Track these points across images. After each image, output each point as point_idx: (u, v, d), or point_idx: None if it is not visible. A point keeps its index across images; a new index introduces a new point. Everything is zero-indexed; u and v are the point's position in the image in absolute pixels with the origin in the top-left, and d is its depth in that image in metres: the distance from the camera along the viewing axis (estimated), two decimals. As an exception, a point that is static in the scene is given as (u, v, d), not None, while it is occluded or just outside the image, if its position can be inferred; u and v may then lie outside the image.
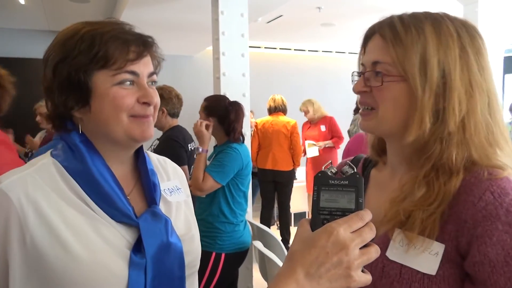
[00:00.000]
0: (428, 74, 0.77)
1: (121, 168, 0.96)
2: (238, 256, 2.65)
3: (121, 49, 0.86)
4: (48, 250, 0.81)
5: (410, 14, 0.82)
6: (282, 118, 5.28)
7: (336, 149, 5.85)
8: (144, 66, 0.90)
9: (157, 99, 0.92)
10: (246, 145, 2.80)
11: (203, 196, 2.57)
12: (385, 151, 0.94)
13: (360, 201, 0.67)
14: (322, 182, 0.70)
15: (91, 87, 0.86)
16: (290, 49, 7.94)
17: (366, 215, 0.66)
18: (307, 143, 5.96)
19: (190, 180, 2.63)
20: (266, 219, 5.26)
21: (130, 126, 0.88)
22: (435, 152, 0.79)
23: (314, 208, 0.69)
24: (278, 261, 2.33)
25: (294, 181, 6.20)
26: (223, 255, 2.55)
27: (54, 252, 0.81)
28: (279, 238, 3.94)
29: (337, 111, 6.37)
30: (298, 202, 6.22)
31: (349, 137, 3.74)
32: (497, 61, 4.16)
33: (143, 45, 0.90)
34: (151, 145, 3.23)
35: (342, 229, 0.64)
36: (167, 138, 3.05)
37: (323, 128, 5.93)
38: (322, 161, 5.64)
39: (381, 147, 0.95)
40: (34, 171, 0.87)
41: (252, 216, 3.62)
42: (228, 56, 3.40)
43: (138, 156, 1.00)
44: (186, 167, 2.93)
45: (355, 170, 0.69)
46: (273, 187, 5.32)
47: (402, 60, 0.78)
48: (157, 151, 3.00)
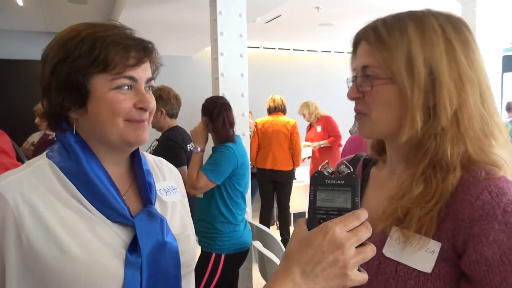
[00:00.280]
0: (415, 73, 0.77)
1: (116, 168, 0.96)
2: (239, 256, 2.65)
3: (121, 54, 0.86)
4: (44, 250, 0.81)
5: (394, 16, 0.82)
6: (282, 118, 5.28)
7: (334, 148, 5.85)
8: (143, 72, 0.90)
9: (153, 105, 0.92)
10: (245, 145, 2.81)
11: (198, 194, 2.59)
12: (384, 150, 0.94)
13: (356, 200, 0.67)
14: (318, 182, 0.70)
15: (89, 90, 0.86)
16: (288, 49, 7.95)
17: (362, 214, 0.66)
18: (303, 144, 6.00)
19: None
20: (266, 219, 5.26)
21: (125, 130, 0.89)
22: (431, 148, 0.79)
23: (310, 207, 0.69)
24: (277, 261, 2.33)
25: (294, 181, 6.22)
26: (223, 256, 2.55)
27: (50, 252, 0.81)
28: (279, 238, 3.95)
29: (337, 111, 6.36)
30: (297, 202, 6.22)
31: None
32: (495, 60, 4.16)
33: (144, 50, 0.90)
34: (150, 146, 3.23)
35: (338, 228, 0.64)
36: (166, 138, 3.05)
37: (319, 128, 5.98)
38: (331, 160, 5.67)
39: (380, 146, 0.96)
40: (30, 172, 0.87)
41: (251, 216, 3.62)
42: (226, 56, 3.40)
43: (134, 156, 1.01)
44: (185, 168, 2.93)
45: (351, 169, 0.70)
46: (272, 187, 5.31)
47: (388, 62, 0.78)
48: (156, 152, 3.00)
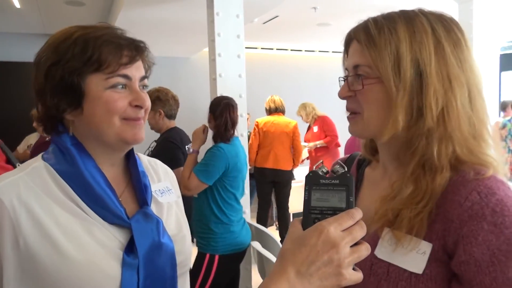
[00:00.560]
0: (401, 73, 0.77)
1: (112, 170, 0.96)
2: (234, 257, 2.64)
3: (114, 53, 0.87)
4: (41, 252, 0.81)
5: (385, 15, 0.82)
6: (283, 119, 5.27)
7: (330, 148, 5.84)
8: (136, 70, 0.91)
9: (148, 103, 0.93)
10: (243, 146, 2.81)
11: (192, 195, 2.59)
12: (378, 150, 0.94)
13: (350, 199, 0.67)
14: (313, 181, 0.70)
15: (84, 90, 0.87)
16: (286, 49, 7.95)
17: (357, 214, 0.66)
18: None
19: None
20: (263, 220, 5.24)
21: (122, 129, 0.90)
22: (419, 148, 0.79)
23: (305, 207, 0.69)
24: (276, 261, 2.33)
25: (293, 181, 6.21)
26: (217, 257, 2.55)
27: (47, 254, 0.82)
28: (278, 239, 3.95)
29: (335, 111, 6.34)
30: (297, 202, 6.21)
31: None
32: (493, 58, 4.17)
33: (136, 49, 0.91)
34: (149, 147, 3.23)
35: (333, 227, 0.64)
36: (164, 139, 3.05)
37: (315, 129, 5.99)
38: (325, 161, 5.66)
39: (373, 146, 0.95)
40: (25, 175, 0.87)
41: (250, 216, 3.61)
42: (224, 57, 3.40)
43: (129, 158, 1.01)
44: (182, 169, 2.94)
45: (346, 169, 0.70)
46: (271, 188, 5.29)
47: (376, 61, 0.78)
48: (154, 153, 3.00)
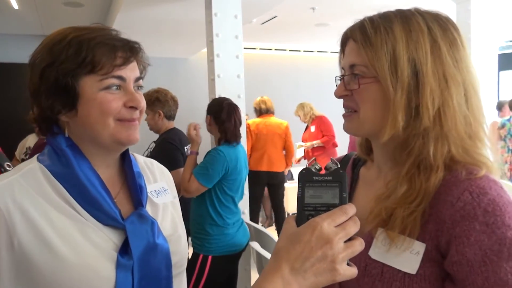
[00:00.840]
0: (398, 72, 0.77)
1: (107, 171, 0.96)
2: (228, 259, 2.63)
3: (108, 54, 0.87)
4: (36, 254, 0.81)
5: (381, 14, 0.82)
6: (274, 119, 5.23)
7: (327, 148, 5.82)
8: (130, 71, 0.91)
9: (143, 103, 0.93)
10: (243, 148, 2.80)
11: (192, 197, 2.59)
12: (372, 150, 0.94)
13: (344, 195, 0.68)
14: (306, 178, 0.70)
15: (79, 92, 0.87)
16: (285, 49, 7.95)
17: (350, 209, 0.66)
18: (296, 145, 6.01)
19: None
20: (253, 221, 5.23)
21: (117, 130, 0.90)
22: (415, 148, 0.79)
23: (299, 204, 0.69)
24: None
25: (291, 181, 6.21)
26: (210, 258, 2.55)
27: (42, 256, 0.82)
28: (277, 239, 3.95)
29: (333, 111, 6.34)
30: (294, 202, 6.20)
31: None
32: (491, 58, 4.17)
33: (130, 50, 0.91)
34: (148, 147, 3.22)
35: (326, 223, 0.64)
36: (163, 140, 3.05)
37: (313, 128, 5.97)
38: (321, 160, 5.65)
39: (369, 146, 0.95)
40: (20, 176, 0.87)
41: (249, 217, 3.61)
42: (222, 58, 3.40)
43: (124, 158, 1.01)
44: (182, 170, 2.93)
45: (339, 165, 0.70)
46: (262, 190, 5.22)
47: (373, 61, 0.78)
48: (153, 154, 3.00)
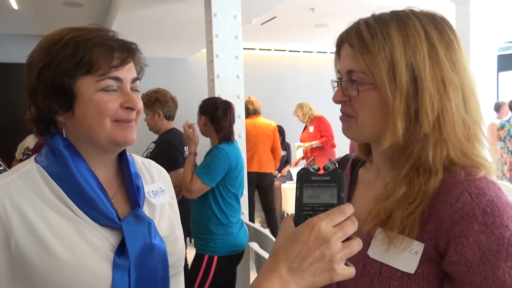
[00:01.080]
0: (397, 79, 0.76)
1: (104, 171, 0.96)
2: (232, 258, 2.64)
3: (105, 55, 0.87)
4: (32, 255, 0.81)
5: (376, 17, 0.82)
6: (262, 120, 5.19)
7: (326, 148, 5.81)
8: (127, 72, 0.91)
9: (140, 104, 0.93)
10: (241, 147, 2.81)
11: (194, 197, 2.58)
12: (371, 151, 0.94)
13: (342, 195, 0.67)
14: (304, 178, 0.70)
15: (75, 93, 0.87)
16: (284, 50, 7.95)
17: (348, 209, 0.66)
18: (296, 145, 6.01)
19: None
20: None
21: (113, 131, 0.90)
22: (414, 153, 0.79)
23: (297, 204, 0.69)
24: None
25: (289, 182, 6.21)
26: (216, 258, 2.55)
27: (39, 256, 0.82)
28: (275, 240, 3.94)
29: (333, 111, 6.31)
30: (293, 203, 6.18)
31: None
32: (490, 59, 4.18)
33: (127, 51, 0.91)
34: (147, 148, 3.23)
35: (324, 223, 0.64)
36: (163, 141, 3.05)
37: (311, 129, 5.96)
38: (320, 161, 5.65)
39: (368, 147, 0.95)
40: (17, 177, 0.87)
41: (248, 218, 3.61)
42: (222, 58, 3.40)
43: (122, 159, 1.01)
44: (182, 170, 2.94)
45: (337, 165, 0.70)
46: (253, 191, 5.17)
47: (371, 68, 0.77)
48: (153, 154, 3.00)
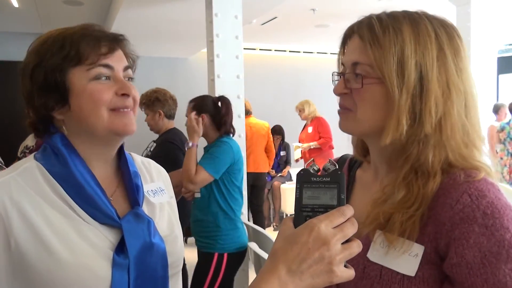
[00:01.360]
0: (405, 75, 0.76)
1: (104, 169, 0.96)
2: (239, 255, 2.64)
3: (92, 45, 0.88)
4: (32, 253, 0.81)
5: (389, 14, 0.81)
6: (255, 121, 5.19)
7: (324, 150, 5.78)
8: (117, 61, 0.91)
9: (135, 91, 0.93)
10: (241, 146, 2.80)
11: (196, 189, 2.55)
12: (369, 151, 0.93)
13: (342, 197, 0.67)
14: (304, 179, 0.70)
15: (68, 86, 0.88)
16: (285, 50, 7.95)
17: (348, 211, 0.66)
18: (294, 145, 6.01)
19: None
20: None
21: (111, 121, 0.89)
22: (413, 153, 0.79)
23: (296, 205, 0.69)
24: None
25: (288, 182, 6.20)
26: (226, 255, 2.54)
27: (38, 254, 0.81)
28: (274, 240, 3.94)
29: (333, 112, 6.31)
30: (293, 203, 6.18)
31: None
32: (491, 61, 4.18)
33: (114, 40, 0.92)
34: (147, 147, 3.22)
35: (323, 224, 0.64)
36: (165, 140, 3.05)
37: (310, 129, 5.95)
38: (317, 162, 5.66)
39: (364, 147, 0.95)
40: (17, 175, 0.87)
41: (247, 218, 3.61)
42: (222, 58, 3.40)
43: (121, 157, 1.01)
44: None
45: (337, 167, 0.70)
46: (249, 191, 5.12)
47: (380, 62, 0.77)
48: (154, 154, 3.00)
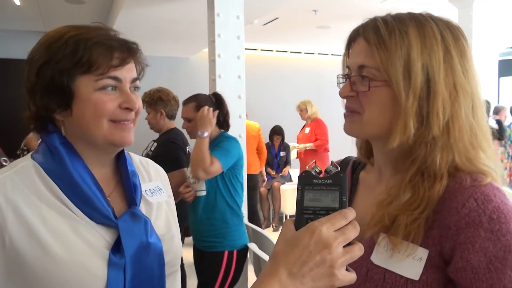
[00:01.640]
0: (412, 78, 0.76)
1: (102, 169, 0.96)
2: (245, 252, 2.63)
3: (105, 55, 0.87)
4: (27, 252, 0.81)
5: (394, 16, 0.81)
6: (247, 121, 5.19)
7: (319, 152, 5.77)
8: (127, 72, 0.91)
9: (139, 104, 0.92)
10: (242, 147, 2.80)
11: (205, 179, 2.46)
12: (373, 153, 0.92)
13: (343, 199, 0.67)
14: (306, 181, 0.69)
15: (74, 91, 0.87)
16: (286, 51, 7.95)
17: (350, 213, 0.66)
18: (291, 146, 6.01)
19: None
20: None
21: (110, 132, 0.89)
22: (420, 155, 0.78)
23: (298, 207, 0.68)
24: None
25: (287, 183, 6.20)
26: (235, 252, 2.54)
27: (33, 253, 0.81)
28: (275, 240, 3.94)
29: (333, 114, 6.32)
30: (292, 205, 6.20)
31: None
32: (492, 64, 4.19)
33: (127, 51, 0.91)
34: (147, 147, 3.22)
35: (325, 227, 0.63)
36: (167, 140, 3.05)
37: (307, 130, 5.95)
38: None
39: (368, 149, 0.94)
40: (13, 173, 0.87)
41: (247, 218, 3.61)
42: (224, 58, 3.40)
43: (119, 157, 1.01)
44: (185, 169, 2.93)
45: (339, 169, 0.69)
46: None
47: (386, 65, 0.76)
48: (155, 153, 2.99)
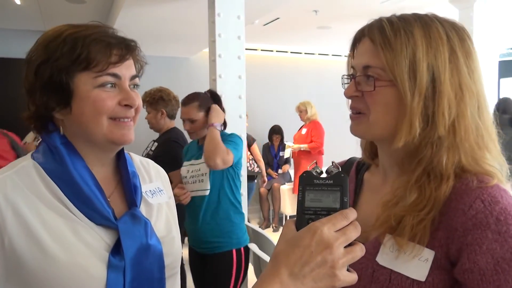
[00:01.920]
0: (417, 78, 0.76)
1: (102, 170, 0.96)
2: (249, 249, 2.62)
3: (103, 51, 0.86)
4: (26, 252, 0.81)
5: (399, 17, 0.81)
6: None
7: (313, 154, 5.82)
8: (126, 69, 0.90)
9: (139, 102, 0.92)
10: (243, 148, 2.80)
11: (220, 169, 2.40)
12: (377, 154, 0.92)
13: (345, 200, 0.67)
14: (307, 182, 0.69)
15: (73, 89, 0.87)
16: (286, 51, 7.94)
17: (351, 214, 0.66)
18: (286, 145, 6.05)
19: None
20: None
21: (110, 130, 0.89)
22: (426, 156, 0.78)
23: (299, 208, 0.68)
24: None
25: (287, 183, 6.21)
26: (242, 249, 2.54)
27: (32, 254, 0.81)
28: (275, 241, 3.94)
29: (333, 114, 6.34)
30: (291, 205, 6.21)
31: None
32: (492, 65, 4.19)
33: (126, 48, 0.90)
34: (147, 147, 3.22)
35: (326, 228, 0.63)
36: (168, 140, 3.05)
37: (304, 131, 6.00)
38: (304, 166, 5.77)
39: (373, 150, 0.94)
40: (13, 173, 0.87)
41: (247, 219, 3.61)
42: (224, 58, 3.40)
43: (120, 157, 1.00)
44: (180, 170, 2.93)
45: (340, 169, 0.69)
46: None
47: (391, 65, 0.77)
48: (156, 153, 2.99)
